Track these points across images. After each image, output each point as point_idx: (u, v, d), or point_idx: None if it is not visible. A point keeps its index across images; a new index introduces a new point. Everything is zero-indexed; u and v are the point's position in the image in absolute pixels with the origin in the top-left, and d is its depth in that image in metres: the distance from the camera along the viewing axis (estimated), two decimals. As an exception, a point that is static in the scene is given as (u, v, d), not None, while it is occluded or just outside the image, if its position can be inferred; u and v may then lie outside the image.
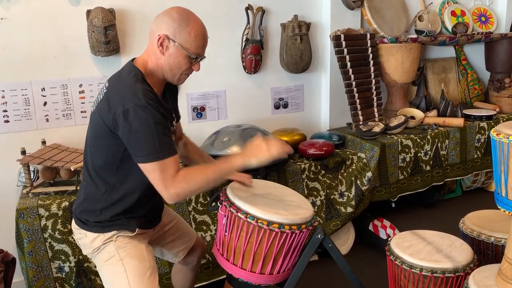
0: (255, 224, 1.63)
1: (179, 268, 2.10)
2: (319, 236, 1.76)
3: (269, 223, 1.63)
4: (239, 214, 1.66)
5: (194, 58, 1.62)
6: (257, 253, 1.68)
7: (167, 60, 1.60)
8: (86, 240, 1.69)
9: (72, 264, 2.31)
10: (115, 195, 1.63)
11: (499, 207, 1.58)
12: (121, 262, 1.64)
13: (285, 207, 1.73)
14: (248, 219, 1.64)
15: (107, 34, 2.56)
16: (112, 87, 1.58)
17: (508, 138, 1.47)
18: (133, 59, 1.68)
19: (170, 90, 1.80)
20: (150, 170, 1.52)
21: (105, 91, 1.60)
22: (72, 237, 2.29)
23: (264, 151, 1.59)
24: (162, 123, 1.52)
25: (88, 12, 2.57)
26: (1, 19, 2.44)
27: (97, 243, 1.67)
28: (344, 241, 3.04)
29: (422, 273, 1.80)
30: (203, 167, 1.65)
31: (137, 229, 1.68)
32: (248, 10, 3.00)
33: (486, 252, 2.04)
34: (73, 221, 1.76)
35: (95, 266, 2.31)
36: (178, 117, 1.87)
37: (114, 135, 1.55)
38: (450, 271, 1.78)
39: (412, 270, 1.82)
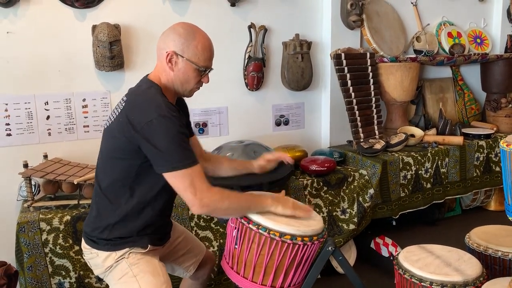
0: (267, 236, 1.61)
1: (189, 284, 2.06)
2: (329, 248, 1.75)
3: (282, 234, 1.61)
4: (250, 226, 1.64)
5: (203, 71, 1.64)
6: (269, 266, 1.65)
7: (177, 75, 1.63)
8: (98, 259, 1.66)
9: (73, 280, 2.26)
10: (128, 210, 1.61)
11: (510, 218, 1.59)
12: (134, 278, 1.60)
13: (296, 218, 1.71)
14: (260, 231, 1.62)
15: (112, 49, 2.57)
16: (132, 101, 1.59)
17: (518, 148, 1.49)
18: (147, 75, 1.69)
19: (181, 108, 1.81)
20: (179, 179, 1.50)
21: (123, 105, 1.60)
22: (73, 252, 2.25)
23: (290, 206, 1.70)
24: (184, 134, 1.53)
25: (94, 27, 2.58)
26: (7, 33, 2.45)
27: (109, 261, 1.63)
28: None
29: (432, 286, 1.79)
30: (237, 192, 1.67)
31: (149, 245, 1.66)
32: (251, 29, 3.05)
33: (493, 267, 2.04)
34: (83, 241, 1.72)
35: (96, 282, 2.29)
36: (191, 133, 1.89)
37: (133, 149, 1.54)
38: (461, 284, 1.77)
39: (422, 283, 1.81)
